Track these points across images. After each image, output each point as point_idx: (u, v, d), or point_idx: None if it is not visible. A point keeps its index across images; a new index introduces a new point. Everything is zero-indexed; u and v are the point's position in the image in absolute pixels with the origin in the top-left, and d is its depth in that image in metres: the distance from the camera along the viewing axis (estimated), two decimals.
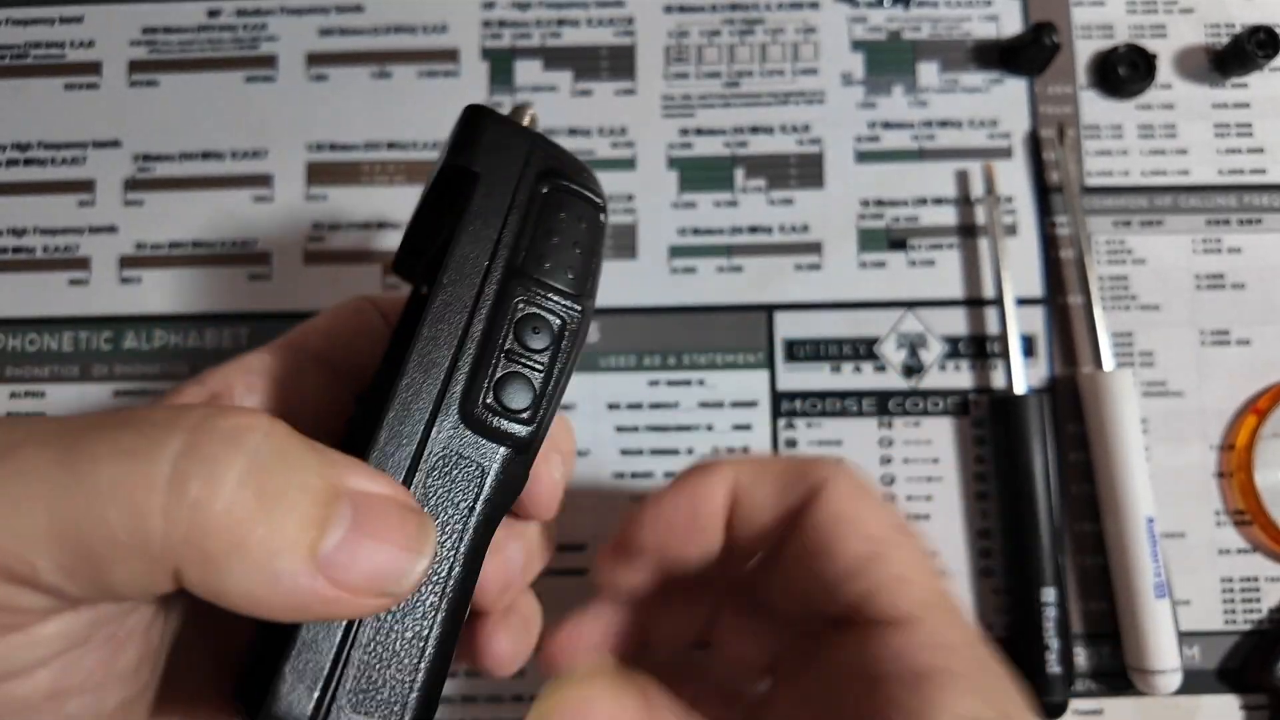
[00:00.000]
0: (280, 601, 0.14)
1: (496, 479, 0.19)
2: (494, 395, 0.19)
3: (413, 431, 0.18)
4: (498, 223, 0.20)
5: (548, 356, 0.20)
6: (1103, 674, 0.33)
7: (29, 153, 0.37)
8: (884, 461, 0.35)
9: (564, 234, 0.20)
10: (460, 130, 0.21)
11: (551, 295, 0.20)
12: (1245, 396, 0.35)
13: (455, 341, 0.19)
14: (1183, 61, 0.37)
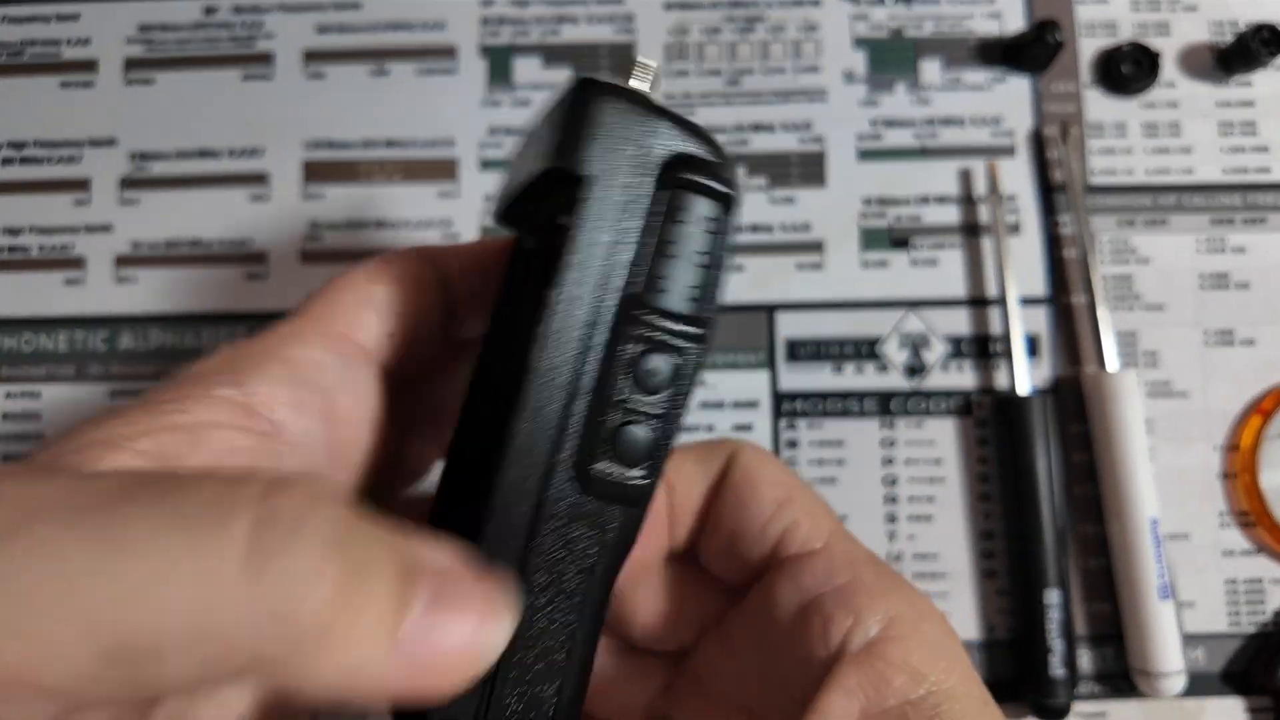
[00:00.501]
0: (365, 688, 0.13)
1: (615, 536, 0.17)
2: (609, 452, 0.17)
3: (526, 496, 0.17)
4: (609, 241, 0.17)
5: (666, 400, 0.17)
6: (1106, 676, 0.33)
7: (24, 151, 0.36)
8: (886, 462, 0.34)
9: (687, 244, 0.17)
10: (568, 117, 0.17)
11: (670, 326, 0.17)
12: (1250, 397, 0.34)
13: (565, 396, 0.17)
14: (1187, 59, 0.37)
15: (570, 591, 0.17)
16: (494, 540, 0.16)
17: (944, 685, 0.18)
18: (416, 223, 0.36)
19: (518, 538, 0.17)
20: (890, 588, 0.20)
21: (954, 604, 0.34)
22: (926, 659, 0.19)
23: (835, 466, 0.34)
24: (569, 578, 0.17)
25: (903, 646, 0.19)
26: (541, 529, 0.17)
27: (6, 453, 0.34)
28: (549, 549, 0.17)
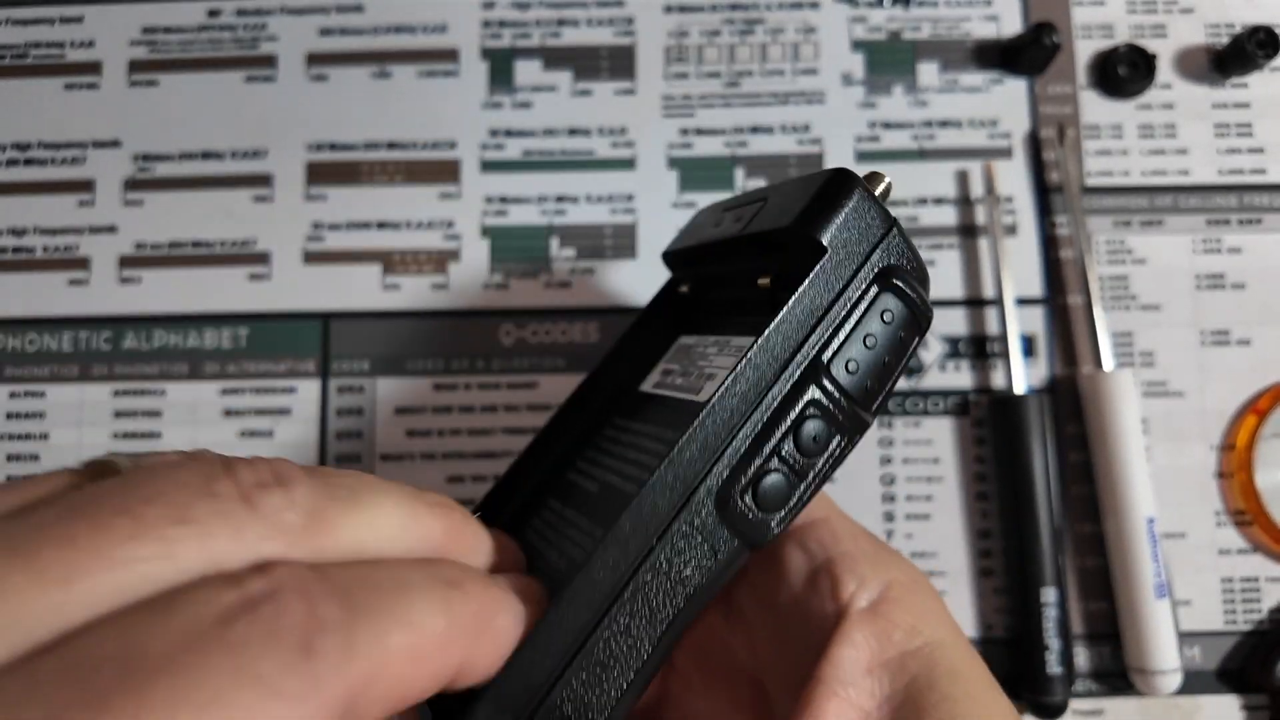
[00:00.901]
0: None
1: (722, 565, 0.18)
2: (754, 490, 0.18)
3: (673, 500, 0.17)
4: (822, 308, 0.18)
5: (815, 465, 0.18)
6: (1103, 674, 0.33)
7: (29, 152, 0.37)
8: (884, 462, 0.35)
9: (879, 341, 0.19)
10: (823, 192, 0.19)
11: (842, 403, 0.18)
12: (1245, 397, 0.35)
13: (740, 422, 0.18)
14: (1183, 61, 0.37)
15: (668, 600, 0.17)
16: (636, 517, 0.17)
17: (937, 637, 0.21)
18: (418, 224, 0.36)
19: (660, 526, 0.17)
20: (888, 558, 0.22)
21: (952, 602, 0.34)
22: (922, 617, 0.21)
23: None
24: (671, 585, 0.17)
25: (901, 606, 0.21)
26: (679, 525, 0.17)
27: (11, 452, 0.35)
28: (674, 548, 0.17)
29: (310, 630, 0.12)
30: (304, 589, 0.13)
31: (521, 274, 0.36)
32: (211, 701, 0.11)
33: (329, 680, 0.12)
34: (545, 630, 0.16)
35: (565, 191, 0.36)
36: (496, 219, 0.36)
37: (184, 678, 0.11)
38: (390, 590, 0.14)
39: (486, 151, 0.37)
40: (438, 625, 0.14)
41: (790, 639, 0.22)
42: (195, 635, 0.11)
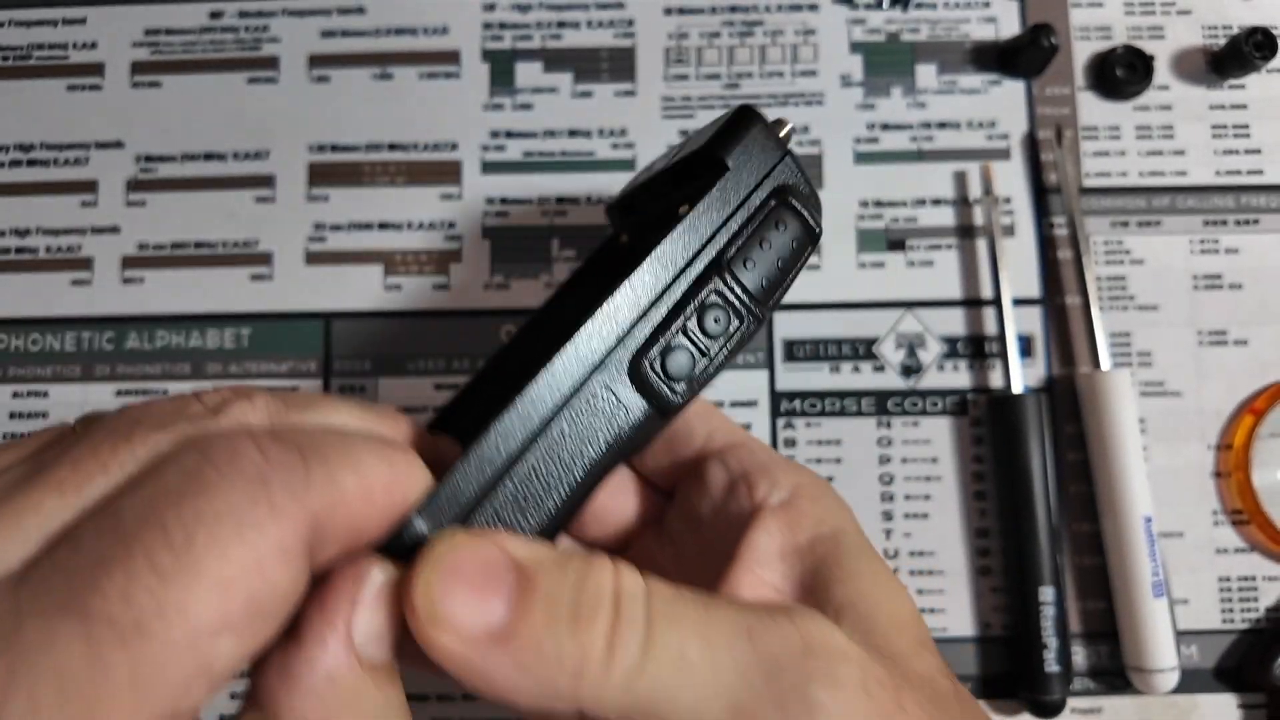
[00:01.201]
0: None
1: (634, 426, 0.21)
2: (661, 359, 0.21)
3: (590, 356, 0.20)
4: (724, 214, 0.22)
5: (716, 346, 0.21)
6: (1101, 673, 0.33)
7: (32, 153, 0.37)
8: (883, 461, 0.35)
9: (774, 246, 0.22)
10: (726, 124, 0.23)
11: (741, 295, 0.21)
12: (1243, 396, 0.35)
13: (651, 299, 0.21)
14: (1180, 63, 0.37)
15: (584, 450, 0.20)
16: (555, 372, 0.20)
17: (841, 526, 0.23)
18: (419, 225, 0.36)
19: (571, 380, 0.20)
20: (798, 468, 0.25)
21: (950, 601, 0.34)
22: (828, 510, 0.23)
23: (833, 465, 0.35)
24: (587, 436, 0.20)
25: (809, 502, 0.23)
26: (594, 382, 0.20)
27: None
28: (585, 403, 0.20)
29: (266, 470, 0.15)
30: (259, 442, 0.15)
31: (522, 275, 0.36)
32: (189, 539, 0.13)
33: (288, 509, 0.15)
34: (473, 455, 0.19)
35: (565, 192, 0.36)
36: (497, 220, 0.36)
37: (161, 527, 0.14)
38: (338, 445, 0.16)
39: (487, 153, 0.37)
40: (382, 472, 0.17)
41: (712, 546, 0.24)
42: (168, 490, 0.14)
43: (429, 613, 0.16)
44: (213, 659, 0.14)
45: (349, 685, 0.16)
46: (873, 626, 0.20)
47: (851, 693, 0.18)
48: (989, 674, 0.33)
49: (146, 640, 0.13)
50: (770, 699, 0.17)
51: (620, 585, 0.17)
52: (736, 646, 0.17)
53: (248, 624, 0.14)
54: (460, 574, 0.16)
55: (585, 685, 0.16)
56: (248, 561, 0.14)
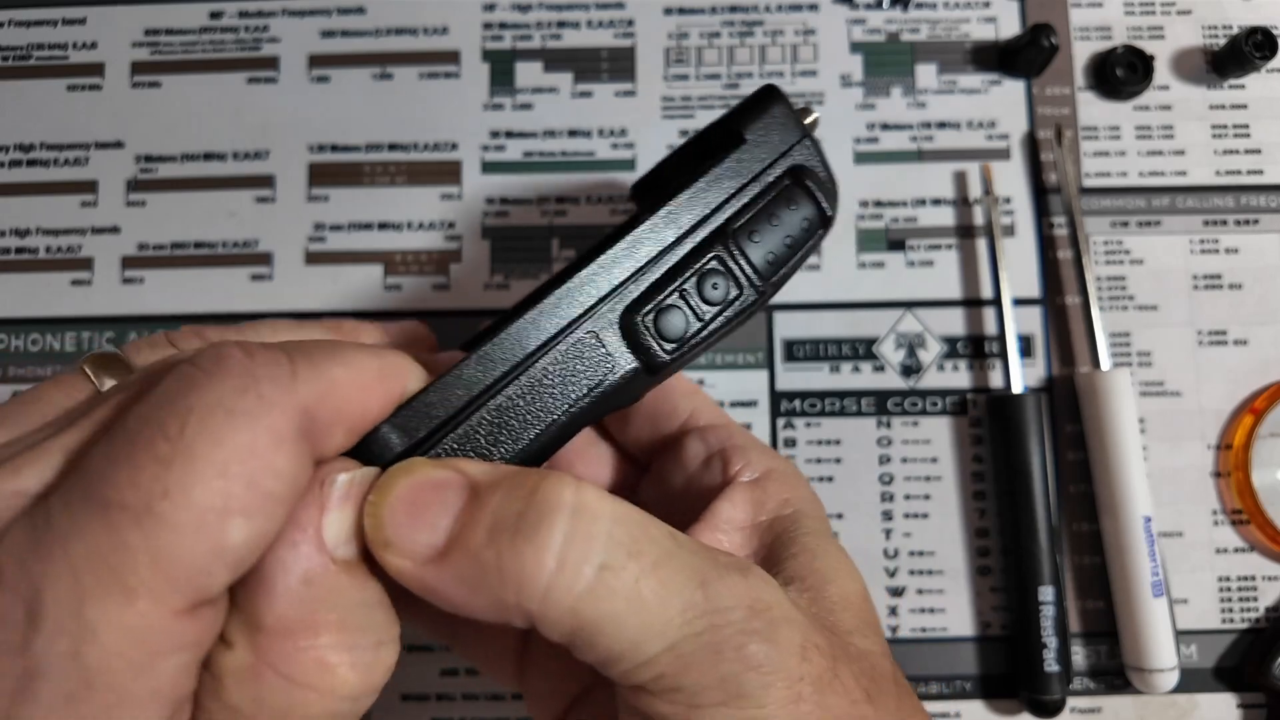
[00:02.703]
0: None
1: (618, 380, 0.21)
2: (655, 315, 0.21)
3: (584, 301, 0.20)
4: (736, 185, 0.22)
5: (711, 312, 0.21)
6: (1100, 672, 0.33)
7: (32, 153, 0.37)
8: (882, 461, 0.35)
9: (783, 223, 0.22)
10: (749, 100, 0.23)
11: (744, 266, 0.22)
12: (1242, 396, 0.35)
13: (651, 255, 0.21)
14: (1180, 63, 0.37)
15: (564, 394, 0.20)
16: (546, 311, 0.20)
17: (804, 509, 0.24)
18: (419, 225, 0.36)
19: (560, 324, 0.20)
20: (775, 455, 0.26)
21: (949, 600, 0.34)
22: (794, 494, 0.24)
23: (833, 465, 0.35)
24: (571, 383, 0.20)
25: (778, 484, 0.24)
26: (580, 328, 0.20)
27: None
28: (572, 349, 0.20)
29: (251, 366, 0.16)
30: (245, 347, 0.16)
31: (522, 275, 0.36)
32: (181, 429, 0.15)
33: (276, 398, 0.16)
34: (453, 375, 0.19)
35: (565, 192, 0.36)
36: (497, 220, 0.36)
37: (158, 423, 0.15)
38: (324, 346, 0.17)
39: (487, 153, 0.37)
40: (373, 364, 0.18)
41: (680, 516, 0.24)
42: (164, 393, 0.15)
43: (375, 535, 0.17)
44: (225, 541, 0.15)
45: (325, 584, 0.17)
46: (819, 600, 0.21)
47: (788, 653, 0.18)
48: (989, 674, 0.33)
49: (157, 521, 0.14)
50: (709, 647, 0.17)
51: (582, 500, 0.17)
52: (688, 591, 0.18)
53: (256, 507, 0.15)
54: (406, 498, 0.17)
55: (528, 599, 0.16)
56: (241, 446, 0.15)
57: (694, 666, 0.17)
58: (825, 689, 0.18)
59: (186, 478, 0.14)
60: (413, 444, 0.18)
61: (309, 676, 0.16)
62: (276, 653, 0.16)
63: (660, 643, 0.17)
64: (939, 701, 0.33)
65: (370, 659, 0.17)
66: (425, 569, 0.17)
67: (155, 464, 0.14)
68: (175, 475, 0.14)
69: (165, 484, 0.14)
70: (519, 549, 0.16)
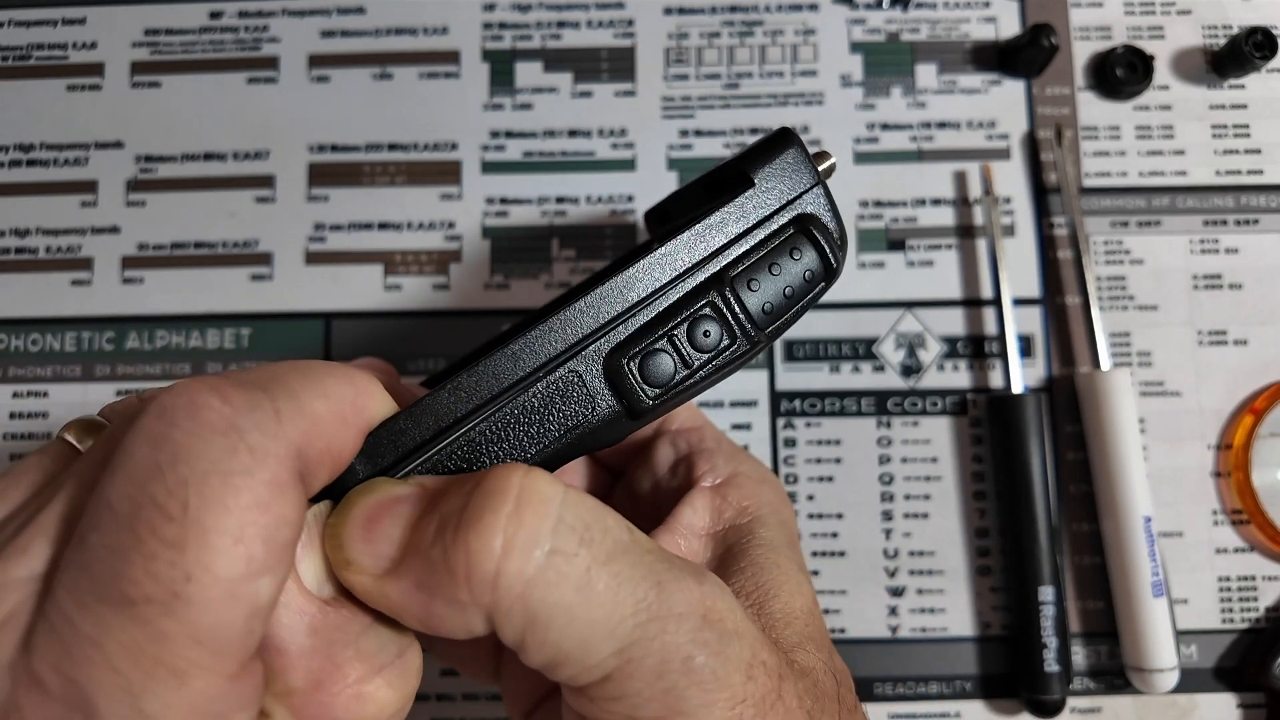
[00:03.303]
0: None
1: (598, 420, 0.20)
2: (641, 359, 0.20)
3: (568, 338, 0.20)
4: (739, 230, 0.21)
5: (700, 360, 0.20)
6: (1101, 672, 0.33)
7: (32, 153, 0.37)
8: (882, 461, 0.35)
9: (783, 273, 0.21)
10: (764, 141, 0.22)
11: (739, 315, 0.21)
12: (1242, 396, 0.35)
13: (642, 296, 0.20)
14: (1180, 63, 0.37)
15: (542, 434, 0.20)
16: (527, 347, 0.19)
17: (761, 518, 0.24)
18: (419, 225, 0.36)
19: (539, 359, 0.19)
20: (744, 457, 0.26)
21: (949, 600, 0.34)
22: (754, 503, 0.24)
23: (833, 465, 0.35)
24: (547, 423, 0.20)
25: (740, 491, 0.24)
26: (561, 367, 0.20)
27: (14, 451, 0.35)
28: (552, 388, 0.20)
29: (232, 416, 0.15)
30: (217, 388, 0.15)
31: (522, 275, 0.36)
32: (183, 506, 0.14)
33: (268, 448, 0.15)
34: (424, 404, 0.18)
35: (565, 192, 0.36)
36: (497, 220, 0.36)
37: (154, 504, 0.14)
38: (297, 372, 0.17)
39: (487, 153, 0.37)
40: (348, 392, 0.17)
41: (647, 523, 0.24)
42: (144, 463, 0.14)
43: (336, 556, 0.17)
44: (258, 598, 0.15)
45: (328, 627, 0.16)
46: (761, 614, 0.21)
47: (734, 671, 0.18)
48: (989, 674, 0.33)
49: (187, 604, 0.14)
50: (656, 654, 0.17)
51: (529, 484, 0.17)
52: (642, 589, 0.17)
53: (277, 559, 0.15)
54: (362, 516, 0.17)
55: (479, 590, 0.16)
56: (247, 507, 0.14)
57: (639, 674, 0.17)
58: (767, 711, 0.18)
59: (205, 556, 0.14)
60: (377, 472, 0.18)
61: (351, 713, 0.16)
62: (314, 708, 0.16)
63: (610, 643, 0.17)
64: (939, 701, 0.33)
65: (399, 671, 0.17)
66: (383, 582, 0.17)
67: (168, 550, 0.14)
68: (192, 556, 0.14)
69: (185, 569, 0.14)
70: (463, 538, 0.16)
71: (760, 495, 0.24)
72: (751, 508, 0.24)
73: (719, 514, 0.24)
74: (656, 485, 0.26)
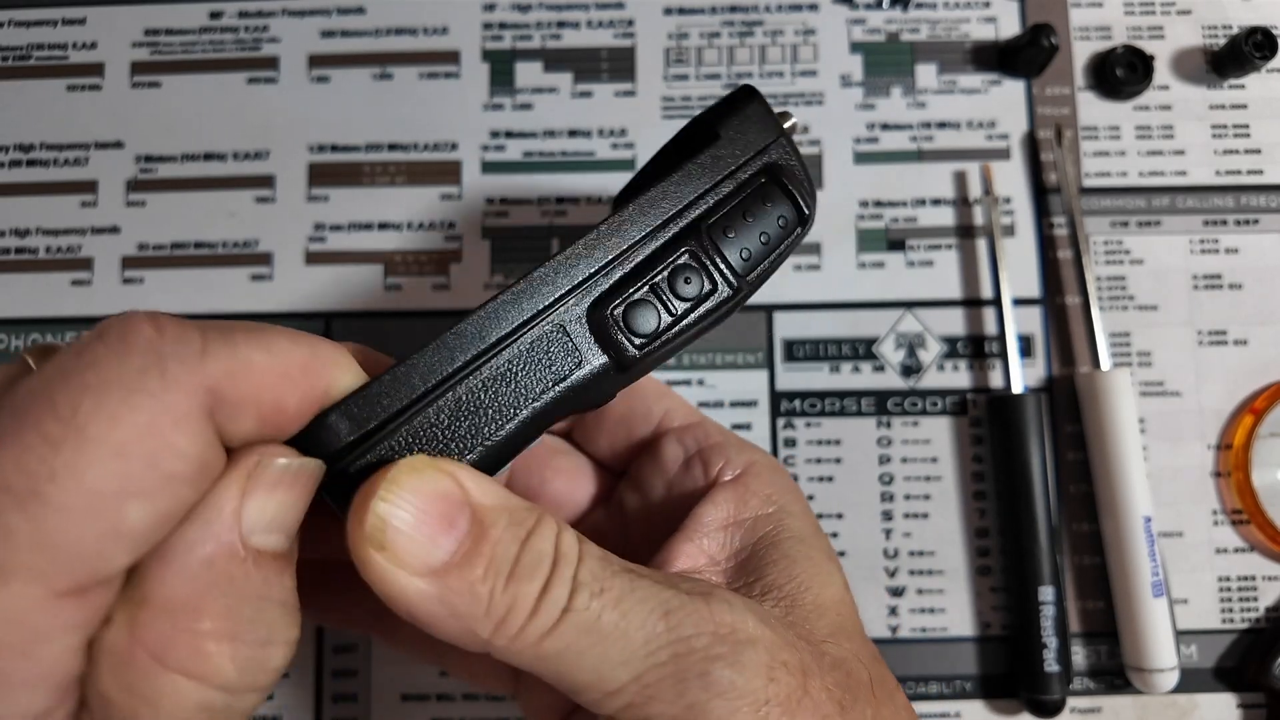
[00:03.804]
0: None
1: (586, 375, 0.20)
2: (624, 310, 0.20)
3: (548, 294, 0.20)
4: (710, 180, 0.21)
5: (685, 308, 0.21)
6: (1101, 672, 0.33)
7: (32, 154, 0.37)
8: (883, 461, 0.35)
9: (759, 221, 0.22)
10: (726, 99, 0.23)
11: (718, 262, 0.21)
12: (1242, 396, 0.35)
13: (620, 249, 0.20)
14: (1180, 63, 0.37)
15: (529, 389, 0.19)
16: (510, 304, 0.19)
17: (789, 508, 0.24)
18: (419, 225, 0.36)
19: (523, 316, 0.19)
20: (752, 446, 0.26)
21: (949, 600, 0.34)
22: (777, 490, 0.24)
23: (832, 465, 0.35)
24: (535, 377, 0.19)
25: (760, 480, 0.24)
26: (544, 323, 0.20)
27: None
28: (537, 345, 0.20)
29: (158, 342, 0.15)
30: (155, 321, 0.15)
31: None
32: (74, 408, 0.14)
33: (181, 377, 0.15)
34: (408, 364, 0.18)
35: (565, 192, 0.36)
36: (497, 220, 0.36)
37: (49, 400, 0.14)
38: (248, 328, 0.16)
39: (487, 153, 0.37)
40: (299, 354, 0.17)
41: (661, 519, 0.25)
42: (60, 369, 0.15)
43: (376, 533, 0.16)
44: (122, 523, 0.14)
45: (226, 569, 0.16)
46: (795, 608, 0.21)
47: (754, 676, 0.18)
48: (989, 674, 0.33)
49: (43, 504, 0.14)
50: (673, 675, 0.18)
51: (559, 548, 0.18)
52: (650, 622, 0.18)
53: (157, 489, 0.15)
54: (417, 504, 0.17)
55: (502, 635, 0.17)
56: (139, 425, 0.14)
57: (659, 696, 0.18)
58: (795, 709, 0.18)
59: (77, 460, 0.14)
60: (363, 434, 0.18)
61: (181, 660, 0.15)
62: (153, 632, 0.15)
63: (625, 671, 0.18)
64: (939, 701, 0.33)
65: (252, 655, 0.16)
66: (411, 581, 0.16)
67: (43, 445, 0.14)
68: (64, 458, 0.14)
69: (52, 466, 0.14)
70: (509, 589, 0.17)
71: (782, 484, 0.25)
72: (775, 495, 0.24)
73: (743, 504, 0.24)
74: (670, 485, 0.26)
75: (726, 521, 0.24)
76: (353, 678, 0.34)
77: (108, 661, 0.15)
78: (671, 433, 0.27)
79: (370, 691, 0.33)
